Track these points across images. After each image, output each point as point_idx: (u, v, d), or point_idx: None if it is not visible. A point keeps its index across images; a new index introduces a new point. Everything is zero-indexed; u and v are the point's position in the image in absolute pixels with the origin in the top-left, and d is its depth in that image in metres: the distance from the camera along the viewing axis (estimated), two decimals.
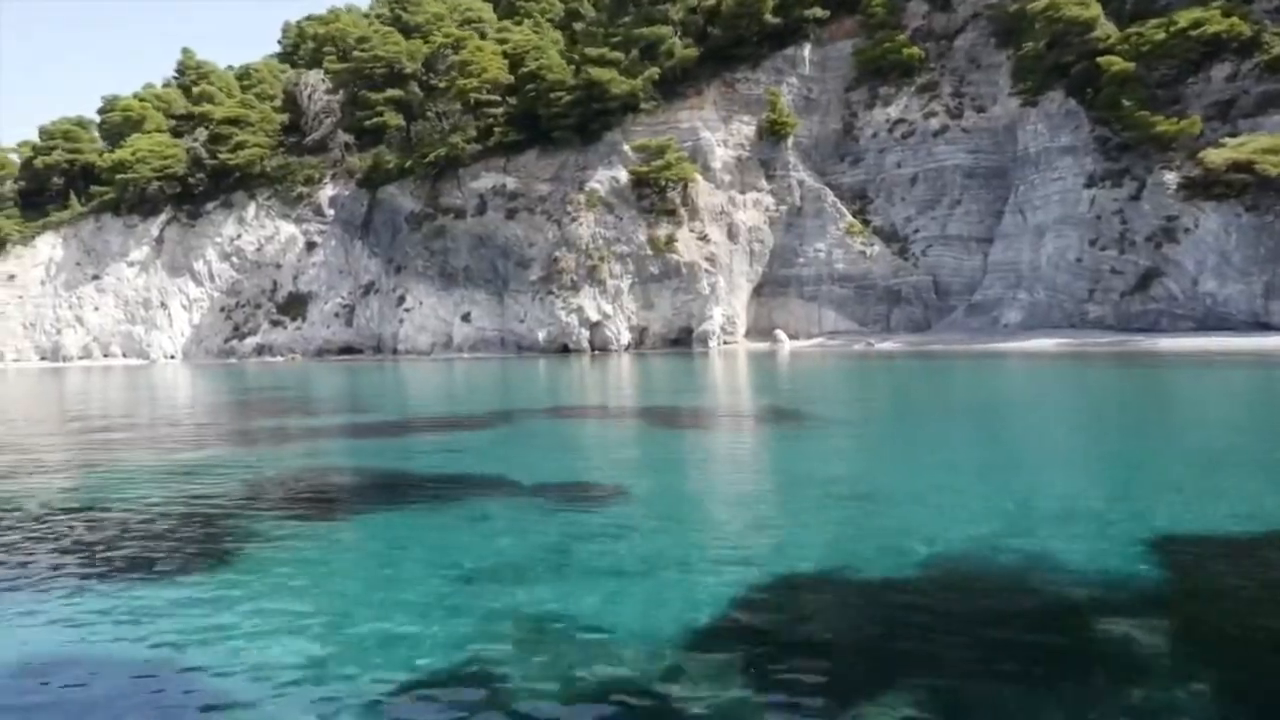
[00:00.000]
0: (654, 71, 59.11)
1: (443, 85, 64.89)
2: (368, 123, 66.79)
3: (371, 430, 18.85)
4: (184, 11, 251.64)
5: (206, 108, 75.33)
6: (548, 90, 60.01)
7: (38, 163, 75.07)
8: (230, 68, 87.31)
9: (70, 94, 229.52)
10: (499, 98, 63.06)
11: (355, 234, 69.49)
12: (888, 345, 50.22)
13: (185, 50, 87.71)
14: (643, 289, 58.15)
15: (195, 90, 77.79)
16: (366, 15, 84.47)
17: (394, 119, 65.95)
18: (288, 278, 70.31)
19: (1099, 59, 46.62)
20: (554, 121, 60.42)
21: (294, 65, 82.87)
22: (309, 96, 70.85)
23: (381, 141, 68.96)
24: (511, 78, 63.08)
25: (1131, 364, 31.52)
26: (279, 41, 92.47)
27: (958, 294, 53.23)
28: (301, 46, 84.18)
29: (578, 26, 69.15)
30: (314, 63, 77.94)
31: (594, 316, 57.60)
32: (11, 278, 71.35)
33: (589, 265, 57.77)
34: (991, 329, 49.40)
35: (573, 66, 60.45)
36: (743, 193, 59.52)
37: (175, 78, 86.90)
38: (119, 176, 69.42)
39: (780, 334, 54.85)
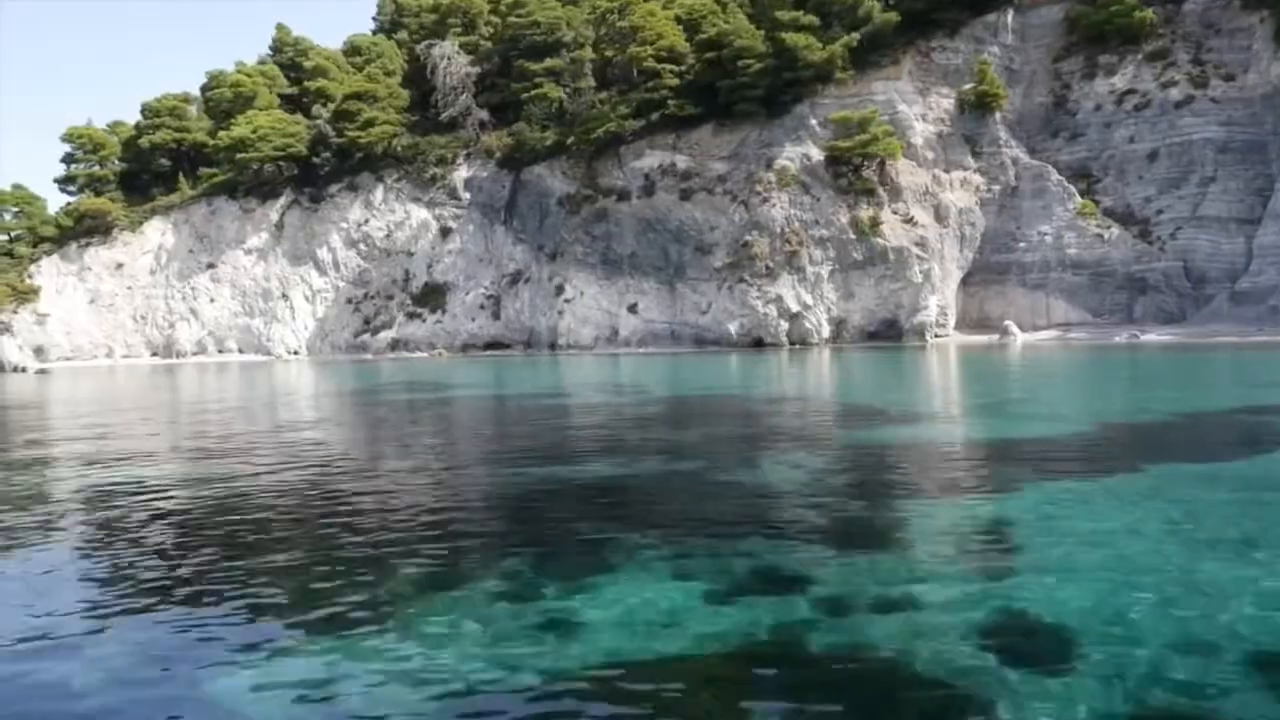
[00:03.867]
0: (853, 37, 53.71)
1: (609, 54, 59.30)
2: (524, 95, 61.06)
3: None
4: None
5: (321, 83, 69.76)
6: (733, 58, 54.52)
7: (142, 142, 69.23)
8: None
9: (145, 75, 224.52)
10: (672, 67, 57.45)
11: (496, 218, 63.96)
12: (1153, 337, 44.95)
13: (280, 26, 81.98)
14: (843, 277, 52.81)
15: (307, 65, 72.10)
16: None
17: (554, 91, 60.33)
18: (421, 266, 64.73)
19: None
20: (737, 93, 54.94)
21: (398, 42, 77.17)
22: (444, 70, 65.13)
23: (519, 118, 63.43)
24: (688, 45, 57.57)
25: None
26: (374, 17, 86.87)
27: (1215, 281, 47.95)
28: (410, 19, 78.30)
29: None
30: (433, 35, 72.23)
31: (794, 307, 52.24)
32: (119, 266, 65.56)
33: (786, 251, 52.36)
34: (1271, 318, 44.13)
35: (761, 32, 54.94)
36: (947, 171, 54.22)
37: (270, 54, 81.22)
38: (238, 156, 63.66)
39: (1012, 326, 49.51)
